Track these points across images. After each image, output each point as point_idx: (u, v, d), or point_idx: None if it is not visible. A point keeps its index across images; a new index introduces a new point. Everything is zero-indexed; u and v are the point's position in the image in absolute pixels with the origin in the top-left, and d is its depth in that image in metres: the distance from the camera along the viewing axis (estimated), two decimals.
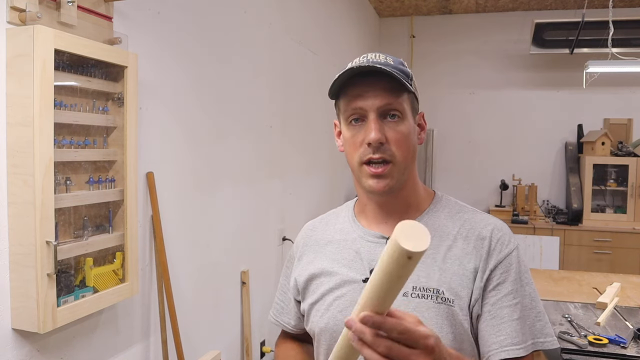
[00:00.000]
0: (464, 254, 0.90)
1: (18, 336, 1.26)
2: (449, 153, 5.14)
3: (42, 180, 1.20)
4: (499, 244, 0.91)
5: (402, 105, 0.89)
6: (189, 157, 2.02)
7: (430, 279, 0.89)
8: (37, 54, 1.18)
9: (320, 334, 0.96)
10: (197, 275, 2.10)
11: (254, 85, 2.57)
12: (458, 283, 0.88)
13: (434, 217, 0.96)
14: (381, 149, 0.88)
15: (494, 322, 0.87)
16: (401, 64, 0.92)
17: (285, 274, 1.10)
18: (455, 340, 0.87)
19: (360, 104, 0.89)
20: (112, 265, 1.48)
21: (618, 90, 4.72)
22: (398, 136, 0.89)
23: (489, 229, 0.92)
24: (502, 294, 0.88)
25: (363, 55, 0.93)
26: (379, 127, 0.87)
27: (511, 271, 0.89)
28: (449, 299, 0.87)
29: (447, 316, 0.87)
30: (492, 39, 5.04)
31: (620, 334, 1.90)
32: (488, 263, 0.89)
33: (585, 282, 2.72)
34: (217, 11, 2.19)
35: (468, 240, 0.91)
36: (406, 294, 0.89)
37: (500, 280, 0.88)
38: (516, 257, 0.91)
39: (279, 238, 2.92)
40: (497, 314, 0.87)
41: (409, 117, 0.91)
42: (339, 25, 4.03)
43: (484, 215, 0.97)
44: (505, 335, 0.86)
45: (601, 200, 4.63)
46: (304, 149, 3.33)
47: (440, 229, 0.93)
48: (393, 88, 0.87)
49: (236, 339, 2.46)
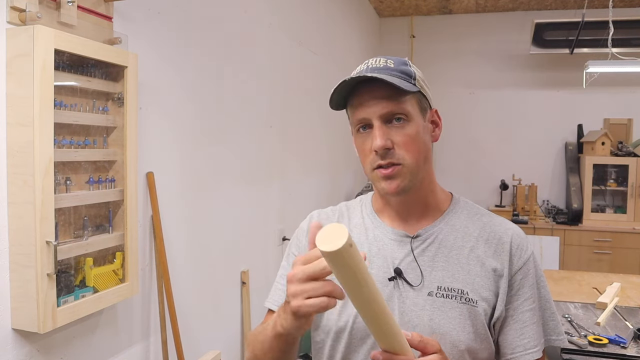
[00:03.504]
0: (486, 257, 0.92)
1: (18, 336, 1.26)
2: (449, 153, 5.14)
3: (42, 180, 1.20)
4: (519, 250, 0.93)
5: (405, 108, 0.88)
6: (189, 157, 2.02)
7: (455, 280, 0.90)
8: (37, 54, 1.18)
9: (339, 333, 0.93)
10: (197, 275, 2.10)
11: (254, 85, 2.57)
12: (481, 285, 0.90)
13: (455, 217, 0.97)
14: (389, 155, 0.88)
15: (517, 325, 0.91)
16: (404, 64, 0.92)
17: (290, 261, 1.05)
18: (476, 340, 0.89)
19: (363, 113, 0.89)
20: (112, 265, 1.48)
21: (618, 90, 4.72)
22: (405, 139, 0.88)
23: (510, 234, 0.94)
24: (523, 299, 0.91)
25: (365, 61, 0.93)
26: (383, 133, 0.87)
27: (529, 276, 0.92)
28: (472, 300, 0.89)
29: (470, 316, 0.88)
30: (492, 39, 5.04)
31: (620, 334, 1.90)
32: (510, 269, 0.92)
33: (585, 282, 2.72)
34: (217, 11, 2.19)
35: (489, 243, 0.93)
36: (431, 293, 0.89)
37: (521, 285, 0.92)
38: (533, 262, 0.94)
39: (279, 238, 2.92)
40: (519, 318, 0.91)
41: (417, 118, 0.90)
42: (339, 25, 4.03)
43: (501, 219, 0.99)
44: (528, 339, 0.90)
45: (601, 200, 4.63)
46: (304, 149, 3.33)
47: (463, 230, 0.95)
48: (393, 93, 0.87)
49: (236, 339, 2.46)
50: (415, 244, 0.94)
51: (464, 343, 0.88)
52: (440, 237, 0.94)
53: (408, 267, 0.92)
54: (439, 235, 0.94)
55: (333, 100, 0.91)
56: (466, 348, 0.88)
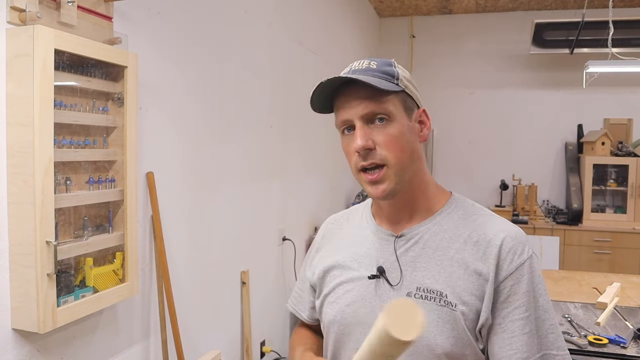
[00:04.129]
0: (472, 260, 0.88)
1: (18, 336, 1.26)
2: (449, 153, 5.14)
3: (42, 180, 1.20)
4: (510, 253, 0.88)
5: (387, 107, 0.88)
6: (189, 157, 2.02)
7: (435, 281, 0.88)
8: (37, 54, 1.18)
9: (330, 325, 0.98)
10: (197, 275, 2.10)
11: (254, 85, 2.57)
12: (463, 288, 0.87)
13: (447, 218, 0.94)
14: (370, 155, 0.88)
15: (505, 335, 0.86)
16: (388, 65, 0.92)
17: (306, 264, 1.12)
18: (456, 345, 0.86)
19: (345, 115, 0.90)
20: (112, 265, 1.48)
21: (618, 90, 4.72)
22: (387, 139, 0.88)
23: (501, 236, 0.89)
24: (513, 307, 0.86)
25: (350, 64, 0.94)
26: (364, 133, 0.88)
27: (522, 283, 0.86)
28: (451, 303, 0.86)
29: (449, 320, 0.86)
30: (492, 39, 5.04)
31: (620, 334, 1.90)
32: (498, 273, 0.87)
33: (585, 282, 2.72)
34: (217, 11, 2.19)
35: (478, 245, 0.89)
36: (410, 293, 0.89)
37: (512, 292, 0.86)
38: (529, 267, 0.87)
39: (279, 238, 2.92)
40: (508, 327, 0.86)
41: (400, 117, 0.90)
42: (339, 25, 4.03)
43: (499, 221, 0.94)
44: (515, 350, 0.85)
45: (601, 200, 4.63)
46: (304, 149, 3.32)
47: (451, 231, 0.92)
48: (375, 93, 0.87)
49: (236, 339, 2.46)
50: (399, 243, 0.94)
51: (440, 347, 0.85)
52: (425, 238, 0.92)
53: (391, 267, 0.92)
54: (424, 235, 0.93)
55: (315, 102, 0.93)
56: (443, 352, 0.85)
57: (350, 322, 0.94)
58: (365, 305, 0.93)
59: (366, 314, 0.92)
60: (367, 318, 0.91)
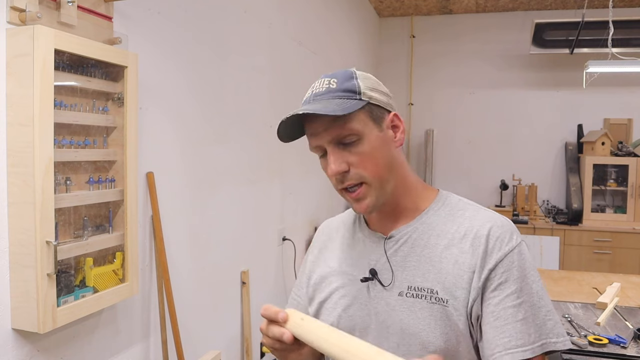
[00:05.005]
0: (460, 253, 0.88)
1: (18, 336, 1.26)
2: (449, 153, 5.14)
3: (42, 180, 1.20)
4: (498, 241, 0.87)
5: (353, 127, 0.87)
6: (189, 157, 2.02)
7: (425, 279, 0.89)
8: (37, 54, 1.18)
9: None
10: (197, 275, 2.10)
11: (254, 85, 2.57)
12: (453, 283, 0.87)
13: (434, 216, 0.94)
14: (347, 177, 0.89)
15: (497, 323, 0.84)
16: (349, 78, 0.91)
17: (302, 270, 1.12)
18: (449, 341, 0.85)
19: (315, 142, 0.91)
20: (112, 265, 1.48)
21: (618, 90, 4.72)
22: (360, 158, 0.88)
23: (488, 226, 0.89)
24: (505, 294, 0.85)
25: (312, 85, 0.95)
26: (336, 158, 0.88)
27: (513, 270, 0.86)
28: (442, 299, 0.86)
29: (441, 316, 0.86)
30: (492, 39, 5.04)
31: (620, 334, 1.90)
32: (486, 262, 0.86)
33: (585, 282, 2.72)
34: (217, 11, 2.19)
35: (466, 239, 0.89)
36: (401, 293, 0.89)
37: (502, 280, 0.85)
38: (518, 254, 0.87)
39: (279, 238, 2.92)
40: (501, 314, 0.84)
41: (369, 132, 0.89)
42: (339, 25, 4.03)
43: (486, 213, 0.93)
44: (509, 337, 0.83)
45: (601, 200, 4.63)
46: (304, 149, 3.31)
47: (439, 228, 0.92)
48: (337, 117, 0.86)
49: (236, 339, 2.46)
50: (388, 244, 0.94)
51: (433, 344, 0.85)
52: (414, 237, 0.93)
53: (382, 268, 0.93)
54: (412, 234, 0.93)
55: (283, 136, 0.94)
56: (437, 349, 0.85)
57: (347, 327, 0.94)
58: (360, 309, 0.94)
59: (362, 317, 0.93)
60: (362, 321, 0.93)
